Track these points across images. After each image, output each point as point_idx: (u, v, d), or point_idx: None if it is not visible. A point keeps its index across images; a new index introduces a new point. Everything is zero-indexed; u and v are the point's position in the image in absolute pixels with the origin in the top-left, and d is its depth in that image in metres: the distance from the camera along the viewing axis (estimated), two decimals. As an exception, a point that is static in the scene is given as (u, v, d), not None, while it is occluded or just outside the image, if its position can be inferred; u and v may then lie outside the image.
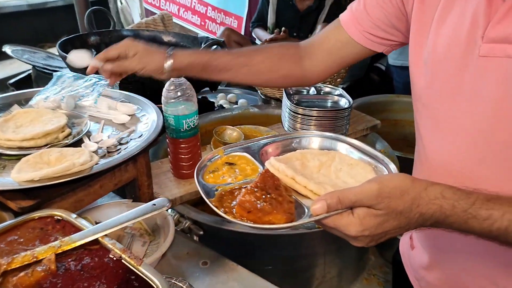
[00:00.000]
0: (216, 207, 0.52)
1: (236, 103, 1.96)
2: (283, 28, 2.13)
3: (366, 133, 1.31)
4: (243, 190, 0.54)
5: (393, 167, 0.59)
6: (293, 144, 0.69)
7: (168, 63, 0.82)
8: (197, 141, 0.98)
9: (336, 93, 1.29)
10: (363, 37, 0.77)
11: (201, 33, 3.30)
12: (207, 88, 1.72)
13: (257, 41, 2.46)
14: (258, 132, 1.23)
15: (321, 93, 1.30)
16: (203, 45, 1.63)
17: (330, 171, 0.62)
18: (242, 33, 2.97)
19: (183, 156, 0.97)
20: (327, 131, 1.14)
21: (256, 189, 0.53)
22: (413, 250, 0.79)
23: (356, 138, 0.72)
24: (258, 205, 0.51)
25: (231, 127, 1.19)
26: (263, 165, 0.62)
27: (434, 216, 0.50)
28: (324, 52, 0.84)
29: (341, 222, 0.50)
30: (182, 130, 0.93)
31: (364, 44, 0.78)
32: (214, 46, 1.54)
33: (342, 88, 2.44)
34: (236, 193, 0.55)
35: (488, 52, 0.55)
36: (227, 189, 0.57)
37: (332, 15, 2.14)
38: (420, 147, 0.71)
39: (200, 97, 1.79)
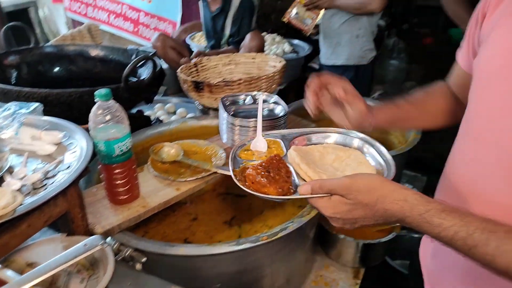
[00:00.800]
0: (235, 175, 0.72)
1: (175, 112, 1.93)
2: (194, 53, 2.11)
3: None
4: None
5: (393, 171, 0.71)
6: (325, 140, 0.85)
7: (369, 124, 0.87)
8: (132, 165, 0.94)
9: (271, 101, 1.31)
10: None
11: (134, 40, 3.20)
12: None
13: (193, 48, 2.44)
14: (197, 146, 1.21)
15: (257, 102, 1.31)
16: (133, 57, 1.58)
17: (341, 165, 0.75)
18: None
19: (118, 182, 0.94)
20: (265, 140, 1.16)
21: (259, 167, 0.70)
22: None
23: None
24: (257, 179, 0.69)
25: (169, 143, 1.16)
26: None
27: (395, 214, 0.60)
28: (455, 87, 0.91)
29: (319, 204, 0.65)
30: (114, 155, 0.89)
31: None
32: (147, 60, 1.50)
33: (280, 89, 2.50)
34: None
35: None
36: (249, 164, 0.75)
37: (240, 17, 2.20)
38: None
39: (135, 111, 1.74)
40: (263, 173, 0.69)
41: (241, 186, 0.69)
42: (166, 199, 0.99)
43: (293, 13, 2.35)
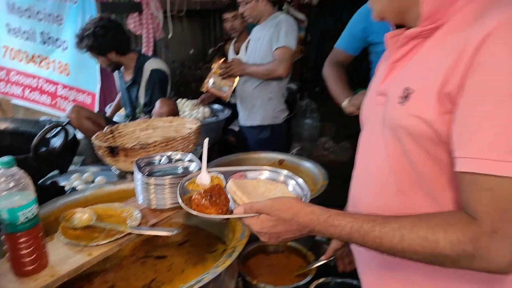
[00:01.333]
0: (183, 201, 0.88)
1: (93, 181, 1.89)
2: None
3: (220, 192, 1.40)
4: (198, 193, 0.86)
5: (308, 196, 0.88)
6: (259, 176, 1.00)
7: None
8: (38, 232, 0.92)
9: (186, 159, 1.36)
10: None
11: (52, 113, 3.13)
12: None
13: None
14: (113, 209, 1.21)
15: (173, 161, 1.37)
16: (46, 127, 1.56)
17: (269, 194, 0.90)
18: (96, 108, 2.93)
19: (24, 252, 0.90)
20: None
21: (204, 193, 0.85)
22: None
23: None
24: (201, 202, 0.84)
25: (81, 209, 1.14)
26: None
27: (307, 225, 0.75)
28: None
29: (249, 221, 0.79)
30: (18, 223, 0.87)
31: None
32: (59, 128, 1.50)
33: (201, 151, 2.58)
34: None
35: (377, 102, 0.85)
36: (194, 192, 0.90)
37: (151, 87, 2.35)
38: None
39: (49, 183, 1.68)
40: (206, 197, 0.85)
41: (188, 210, 0.84)
42: (77, 266, 0.97)
43: (210, 83, 2.52)
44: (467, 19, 0.66)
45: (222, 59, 2.39)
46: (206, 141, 1.10)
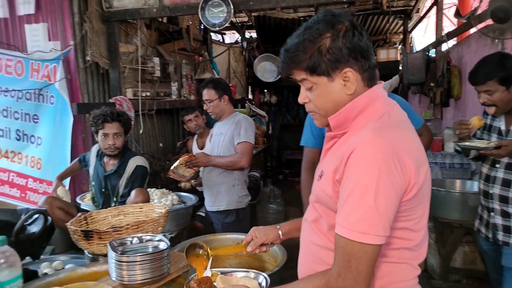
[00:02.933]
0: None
1: (63, 269, 1.94)
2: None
3: (187, 269, 1.52)
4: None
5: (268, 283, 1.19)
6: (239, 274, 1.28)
7: (280, 232, 1.36)
8: (21, 305, 1.02)
9: (156, 239, 1.51)
10: None
11: (22, 205, 3.18)
12: (28, 259, 1.70)
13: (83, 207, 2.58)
14: (87, 287, 1.31)
15: (143, 241, 1.51)
16: (23, 216, 1.68)
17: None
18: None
19: (6, 324, 0.99)
20: (150, 272, 1.34)
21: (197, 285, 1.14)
22: None
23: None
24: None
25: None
26: None
27: None
28: None
29: None
30: (5, 296, 0.98)
31: None
32: (36, 216, 1.63)
33: (171, 236, 2.69)
34: None
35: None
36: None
37: (132, 180, 2.53)
38: None
39: (22, 269, 1.74)
40: (200, 284, 1.14)
41: None
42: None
43: (173, 167, 2.71)
44: (356, 129, 0.99)
45: (190, 155, 2.63)
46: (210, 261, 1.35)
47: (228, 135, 2.64)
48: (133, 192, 2.33)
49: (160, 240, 1.51)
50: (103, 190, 2.54)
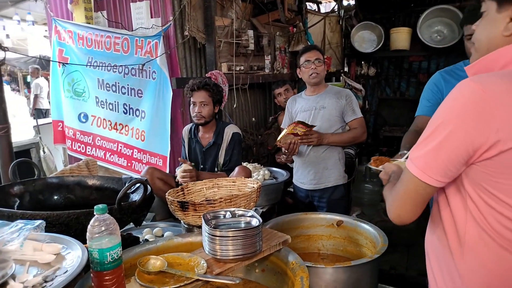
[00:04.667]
0: None
1: (162, 236, 2.04)
2: (188, 162, 2.50)
3: (279, 248, 1.46)
4: None
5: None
6: None
7: None
8: (121, 272, 1.05)
9: (248, 215, 1.47)
10: None
11: (127, 174, 3.46)
12: (132, 225, 1.80)
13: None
14: (181, 258, 1.32)
15: (236, 216, 1.47)
16: (127, 184, 1.77)
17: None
18: (167, 170, 3.19)
19: (108, 288, 1.03)
20: (242, 249, 1.30)
21: None
22: None
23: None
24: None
25: (154, 256, 1.27)
26: None
27: None
28: None
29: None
30: (106, 262, 1.01)
31: None
32: (138, 184, 1.70)
33: (262, 211, 2.67)
34: None
35: None
36: None
37: (231, 148, 2.57)
38: None
39: (125, 233, 1.86)
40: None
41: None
42: (150, 306, 1.07)
43: (282, 139, 2.58)
44: None
45: (302, 125, 2.49)
46: None
47: (334, 109, 2.55)
48: (236, 169, 2.40)
49: (252, 216, 1.46)
50: (201, 166, 2.61)
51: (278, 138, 2.52)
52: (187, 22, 3.21)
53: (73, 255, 1.02)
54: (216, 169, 2.61)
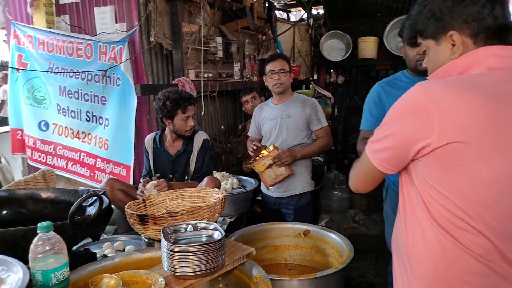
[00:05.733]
0: None
1: (124, 250, 1.95)
2: (157, 174, 2.48)
3: (243, 261, 1.41)
4: None
5: None
6: None
7: None
8: (68, 294, 0.97)
9: (211, 228, 1.41)
10: None
11: (90, 184, 3.32)
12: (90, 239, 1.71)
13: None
14: (138, 276, 1.25)
15: (198, 229, 1.42)
16: (81, 197, 1.68)
17: None
18: (131, 180, 3.09)
19: (52, 313, 0.95)
20: (204, 264, 1.24)
21: None
22: None
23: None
24: None
25: (109, 275, 1.19)
26: None
27: None
28: None
29: None
30: (50, 284, 0.93)
31: None
32: (94, 198, 1.61)
33: (230, 221, 2.61)
34: None
35: None
36: None
37: (202, 155, 2.54)
38: None
39: (82, 249, 1.76)
40: None
41: None
42: (101, 330, 0.99)
43: (268, 179, 2.57)
44: None
45: (268, 150, 2.49)
46: None
47: (299, 118, 2.54)
48: (205, 179, 2.36)
49: (215, 229, 1.40)
50: (170, 176, 2.53)
51: (265, 180, 2.53)
52: (153, 28, 3.13)
53: (13, 278, 0.93)
54: (186, 177, 2.55)
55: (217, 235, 1.36)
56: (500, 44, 0.92)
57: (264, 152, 2.48)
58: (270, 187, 2.57)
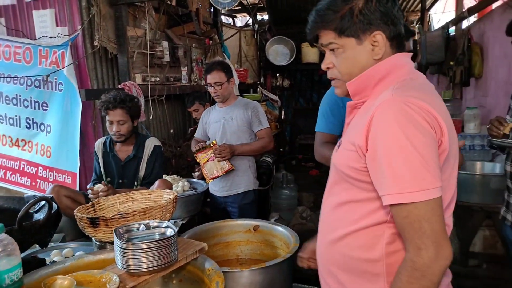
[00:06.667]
0: None
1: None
2: (107, 179, 2.48)
3: (195, 256, 1.47)
4: None
5: None
6: None
7: None
8: (21, 295, 0.98)
9: (163, 226, 1.46)
10: None
11: (32, 193, 3.19)
12: (38, 247, 1.68)
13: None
14: (92, 276, 1.26)
15: (150, 228, 1.45)
16: (31, 200, 1.65)
17: None
18: (77, 187, 3.01)
19: (5, 314, 0.96)
20: (157, 260, 1.29)
21: None
22: None
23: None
24: None
25: (62, 276, 1.20)
26: None
27: None
28: None
29: None
30: (4, 285, 0.94)
31: None
32: (42, 203, 1.59)
33: (182, 223, 2.65)
34: None
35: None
36: None
37: (153, 161, 2.54)
38: None
39: (30, 256, 1.72)
40: None
41: None
42: (57, 328, 1.01)
43: (209, 172, 2.67)
44: (376, 97, 0.94)
45: (208, 146, 2.62)
46: None
47: (241, 121, 2.67)
48: (156, 183, 2.35)
49: (167, 227, 1.45)
50: (120, 181, 2.51)
51: (206, 173, 2.61)
52: (97, 32, 3.09)
53: (-38, 282, 0.93)
54: (136, 183, 2.53)
55: (169, 232, 1.41)
56: (400, 51, 0.98)
57: (206, 146, 2.63)
58: (210, 181, 2.67)
